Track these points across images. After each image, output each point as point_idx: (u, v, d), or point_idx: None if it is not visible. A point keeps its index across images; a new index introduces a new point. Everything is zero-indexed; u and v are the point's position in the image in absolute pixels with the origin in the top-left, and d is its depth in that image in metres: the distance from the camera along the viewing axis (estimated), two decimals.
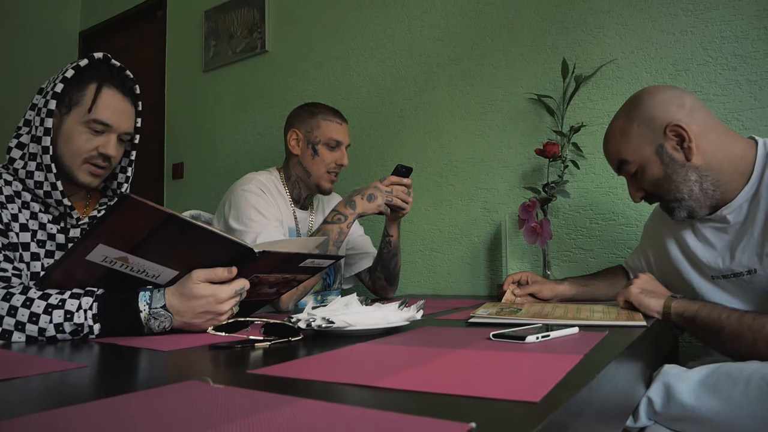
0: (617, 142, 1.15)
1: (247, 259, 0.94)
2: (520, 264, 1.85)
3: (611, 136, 1.18)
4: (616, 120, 1.17)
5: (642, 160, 1.12)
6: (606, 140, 1.20)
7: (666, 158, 1.09)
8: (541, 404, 0.43)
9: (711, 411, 0.84)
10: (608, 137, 1.19)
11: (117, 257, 0.87)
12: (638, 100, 1.14)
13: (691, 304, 1.02)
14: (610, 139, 1.18)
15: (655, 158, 1.10)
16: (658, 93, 1.12)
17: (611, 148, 1.18)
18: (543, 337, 0.76)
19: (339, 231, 1.41)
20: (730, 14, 1.56)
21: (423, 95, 2.14)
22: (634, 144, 1.12)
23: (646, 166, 1.12)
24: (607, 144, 1.20)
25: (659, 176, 1.11)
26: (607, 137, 1.20)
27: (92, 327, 0.88)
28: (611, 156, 1.19)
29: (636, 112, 1.12)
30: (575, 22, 1.81)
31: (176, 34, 3.08)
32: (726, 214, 1.11)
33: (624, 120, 1.14)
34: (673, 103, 1.10)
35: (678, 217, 1.14)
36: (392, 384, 0.51)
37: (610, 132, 1.18)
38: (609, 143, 1.19)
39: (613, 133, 1.17)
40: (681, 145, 1.08)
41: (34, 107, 1.09)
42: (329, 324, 0.81)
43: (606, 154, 1.21)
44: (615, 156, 1.17)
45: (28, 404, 0.50)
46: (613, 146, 1.17)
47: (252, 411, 0.42)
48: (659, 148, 1.09)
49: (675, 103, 1.10)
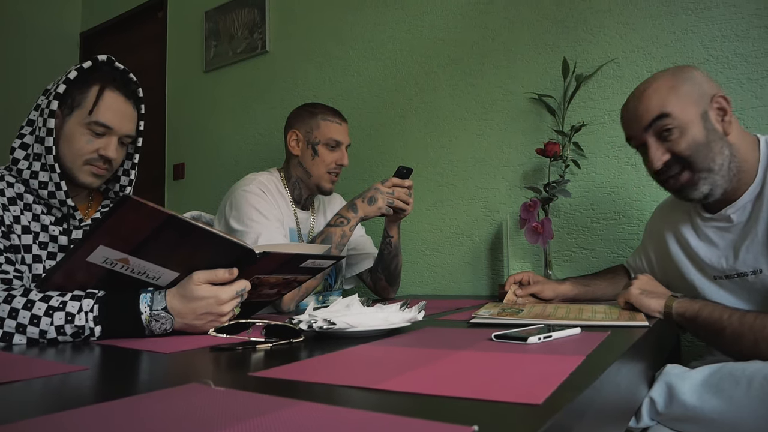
0: (662, 96, 1.08)
1: (247, 260, 0.94)
2: (521, 264, 1.84)
3: (653, 91, 1.10)
4: (657, 80, 1.12)
5: (687, 119, 1.07)
6: (641, 96, 1.12)
7: (708, 125, 1.07)
8: (543, 406, 0.43)
9: (713, 411, 0.84)
10: (647, 93, 1.11)
11: (118, 258, 0.87)
12: (684, 68, 1.13)
13: (692, 303, 1.01)
14: (652, 94, 1.10)
15: (699, 122, 1.07)
16: (699, 69, 1.13)
17: (651, 102, 1.09)
18: (545, 338, 0.75)
19: (342, 234, 1.42)
20: (731, 13, 1.55)
21: (423, 95, 2.14)
22: (683, 101, 1.07)
23: (688, 127, 1.07)
24: (642, 100, 1.11)
25: (700, 141, 1.06)
26: (643, 93, 1.11)
27: (93, 329, 0.88)
28: (648, 110, 1.09)
29: (684, 75, 1.10)
30: (576, 21, 1.81)
31: (177, 34, 3.08)
32: (730, 213, 1.10)
33: (673, 79, 1.10)
34: (712, 80, 1.11)
35: (699, 193, 1.08)
36: (394, 386, 0.50)
37: (651, 89, 1.11)
38: (648, 98, 1.10)
39: (657, 89, 1.10)
40: (722, 118, 1.07)
41: (37, 107, 1.10)
42: (331, 325, 0.81)
43: (636, 111, 1.12)
44: (655, 109, 1.08)
45: (29, 407, 0.50)
46: (656, 100, 1.09)
47: (254, 414, 0.42)
48: (704, 114, 1.07)
49: (713, 82, 1.11)
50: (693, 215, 1.20)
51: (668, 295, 1.05)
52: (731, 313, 0.96)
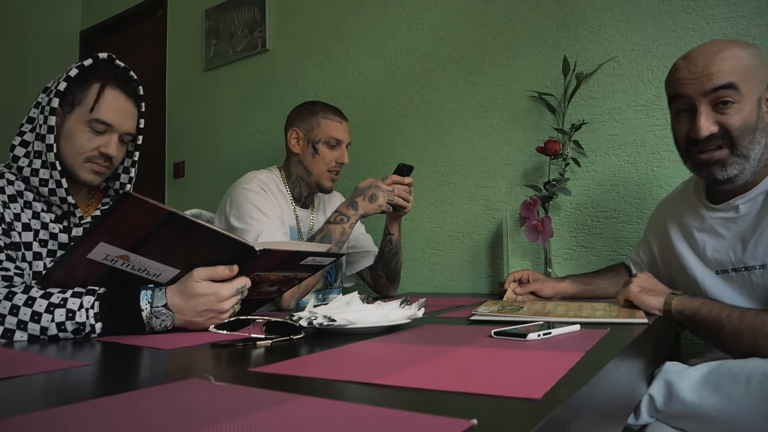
0: (738, 65, 1.01)
1: (248, 258, 0.94)
2: (521, 262, 1.85)
3: (729, 56, 1.02)
4: (732, 46, 1.04)
5: (748, 97, 1.02)
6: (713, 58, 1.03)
7: (761, 112, 1.05)
8: (542, 401, 0.43)
9: (712, 408, 0.84)
10: (721, 56, 1.02)
11: (118, 255, 0.87)
12: (756, 49, 1.06)
13: (692, 301, 1.01)
14: (727, 59, 1.02)
15: (756, 105, 1.04)
16: None
17: (725, 66, 1.01)
18: (544, 335, 0.75)
19: (341, 231, 1.41)
20: (731, 11, 1.55)
21: (424, 94, 2.14)
22: (753, 79, 1.03)
23: (746, 106, 1.02)
24: (715, 60, 1.02)
25: (751, 123, 1.03)
26: (717, 56, 1.03)
27: (94, 326, 0.88)
28: (720, 73, 1.01)
29: (757, 54, 1.05)
30: (576, 19, 1.81)
31: (177, 33, 3.08)
32: (739, 204, 1.09)
33: (748, 53, 1.04)
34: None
35: (726, 174, 1.05)
36: (394, 381, 0.51)
37: (728, 51, 1.03)
38: (723, 62, 1.02)
39: (733, 55, 1.02)
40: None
41: (38, 105, 1.10)
42: (331, 322, 0.81)
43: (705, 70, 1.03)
44: (726, 76, 1.01)
45: (30, 402, 0.50)
46: (730, 66, 1.01)
47: (254, 408, 0.42)
48: (760, 99, 1.05)
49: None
50: (698, 206, 1.19)
51: (668, 293, 1.05)
52: (731, 311, 0.96)
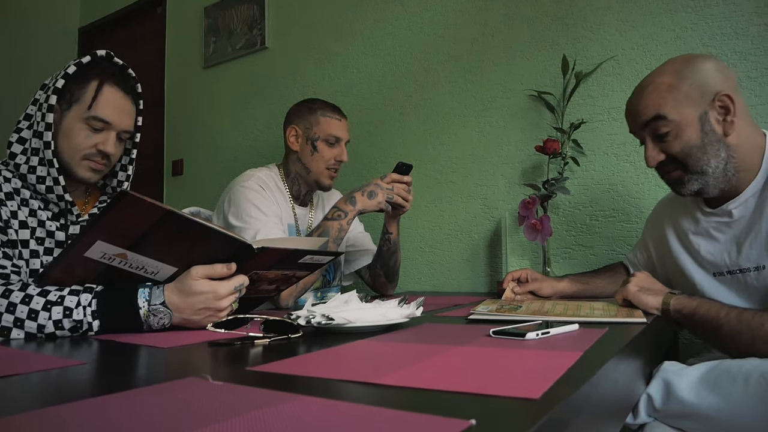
0: (660, 96, 1.07)
1: (246, 256, 0.94)
2: (520, 261, 1.85)
3: (653, 89, 1.09)
4: (660, 75, 1.10)
5: (682, 121, 1.05)
6: (641, 93, 1.11)
7: (707, 127, 1.05)
8: (541, 401, 0.43)
9: (710, 408, 0.84)
10: (647, 90, 1.10)
11: (116, 254, 0.87)
12: (690, 61, 1.08)
13: (690, 301, 1.01)
14: (651, 93, 1.09)
15: (697, 124, 1.05)
16: (711, 60, 1.09)
17: (649, 101, 1.09)
18: (543, 334, 0.75)
19: (339, 228, 1.41)
20: (730, 11, 1.55)
21: (423, 92, 2.14)
22: (680, 103, 1.05)
23: (683, 130, 1.06)
24: (642, 97, 1.10)
25: (695, 143, 1.05)
26: (644, 90, 1.11)
27: (91, 324, 0.88)
28: (645, 109, 1.09)
29: (688, 72, 1.07)
30: (575, 18, 1.81)
31: (176, 30, 3.07)
32: (732, 209, 1.10)
33: (673, 77, 1.07)
34: (722, 73, 1.07)
35: (688, 190, 1.09)
36: (392, 381, 0.50)
37: (652, 86, 1.09)
38: (647, 96, 1.09)
39: (657, 87, 1.08)
40: (724, 118, 1.05)
41: (36, 102, 1.09)
42: (329, 321, 0.81)
43: (636, 107, 1.12)
44: (651, 110, 1.08)
45: (27, 401, 0.50)
46: (653, 100, 1.08)
47: (251, 408, 0.42)
48: (703, 115, 1.05)
49: (723, 75, 1.06)
50: (694, 210, 1.19)
51: (666, 292, 1.05)
52: (729, 310, 0.96)
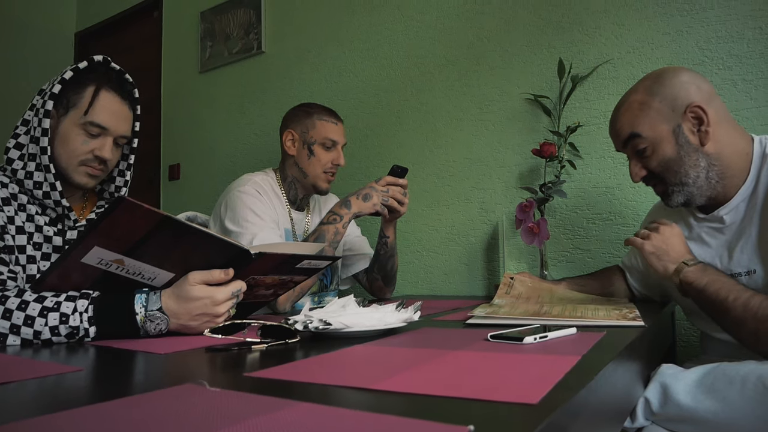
0: (633, 115, 1.11)
1: (243, 261, 0.94)
2: (517, 264, 1.85)
3: (626, 109, 1.13)
4: (632, 94, 1.13)
5: (657, 137, 1.08)
6: (617, 113, 1.15)
7: (681, 139, 1.07)
8: (539, 406, 0.43)
9: (708, 411, 0.84)
10: (622, 110, 1.14)
11: (112, 259, 0.86)
12: (660, 77, 1.11)
13: (701, 276, 0.99)
14: (625, 112, 1.13)
15: (671, 138, 1.07)
16: (681, 73, 1.10)
17: (624, 120, 1.13)
18: (541, 338, 0.75)
19: (335, 231, 1.41)
20: (726, 14, 1.56)
21: (419, 96, 2.14)
22: (652, 120, 1.08)
23: (659, 145, 1.09)
24: (618, 117, 1.15)
25: (671, 157, 1.08)
26: (619, 110, 1.15)
27: (88, 330, 0.87)
28: (622, 128, 1.13)
29: (658, 88, 1.09)
30: (571, 22, 1.81)
31: (172, 35, 3.07)
32: (723, 215, 1.10)
33: (644, 95, 1.10)
34: (693, 84, 1.08)
35: (674, 202, 1.12)
36: (390, 386, 0.50)
37: (625, 105, 1.13)
38: (622, 116, 1.13)
39: (630, 106, 1.12)
40: (698, 129, 1.06)
41: (33, 107, 1.09)
42: (326, 326, 0.81)
43: (615, 126, 1.16)
44: (627, 129, 1.12)
45: (23, 408, 0.49)
46: (627, 119, 1.12)
47: (249, 414, 0.41)
48: (677, 128, 1.07)
49: (695, 85, 1.08)
50: (687, 216, 1.20)
51: (682, 260, 1.03)
52: (737, 295, 0.94)
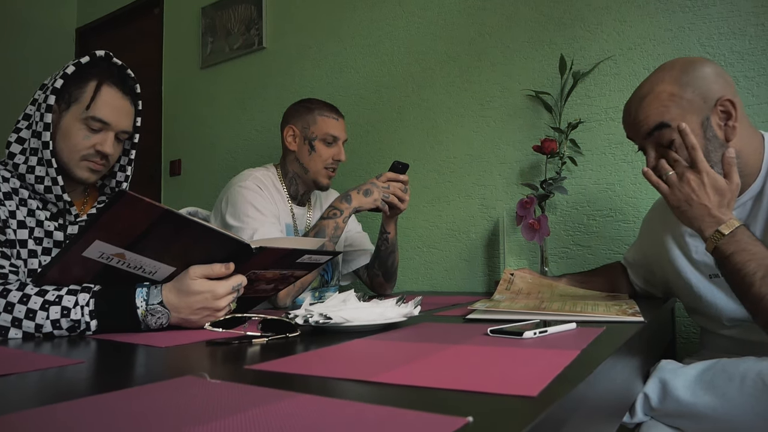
0: (662, 104, 1.05)
1: (244, 255, 0.94)
2: (517, 261, 1.85)
3: (654, 98, 1.06)
4: (659, 84, 1.07)
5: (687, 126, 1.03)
6: (641, 103, 1.08)
7: (709, 133, 1.04)
8: (538, 399, 0.43)
9: (707, 407, 0.84)
10: (648, 100, 1.07)
11: (114, 253, 0.87)
12: (690, 67, 1.06)
13: (729, 244, 0.94)
14: (653, 101, 1.06)
15: (699, 131, 1.04)
16: (710, 64, 1.07)
17: (651, 110, 1.06)
18: (540, 333, 0.76)
19: (335, 226, 1.41)
20: (728, 11, 1.56)
21: (421, 92, 2.14)
22: (684, 111, 1.04)
23: None
24: (642, 107, 1.08)
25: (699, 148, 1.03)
26: (644, 99, 1.08)
27: (89, 323, 0.88)
28: (648, 118, 1.07)
29: (689, 79, 1.05)
30: (573, 18, 1.81)
31: (173, 30, 3.07)
32: None
33: (674, 85, 1.05)
34: (722, 77, 1.05)
35: None
36: (390, 379, 0.51)
37: (652, 95, 1.07)
38: (648, 106, 1.07)
39: (657, 96, 1.06)
40: (725, 123, 1.04)
41: (35, 102, 1.09)
42: (327, 320, 0.81)
43: (638, 117, 1.09)
44: (655, 118, 1.06)
45: (25, 400, 0.50)
46: (655, 109, 1.06)
47: (249, 406, 0.42)
48: (705, 121, 1.04)
49: (723, 78, 1.05)
50: None
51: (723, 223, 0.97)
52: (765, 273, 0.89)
